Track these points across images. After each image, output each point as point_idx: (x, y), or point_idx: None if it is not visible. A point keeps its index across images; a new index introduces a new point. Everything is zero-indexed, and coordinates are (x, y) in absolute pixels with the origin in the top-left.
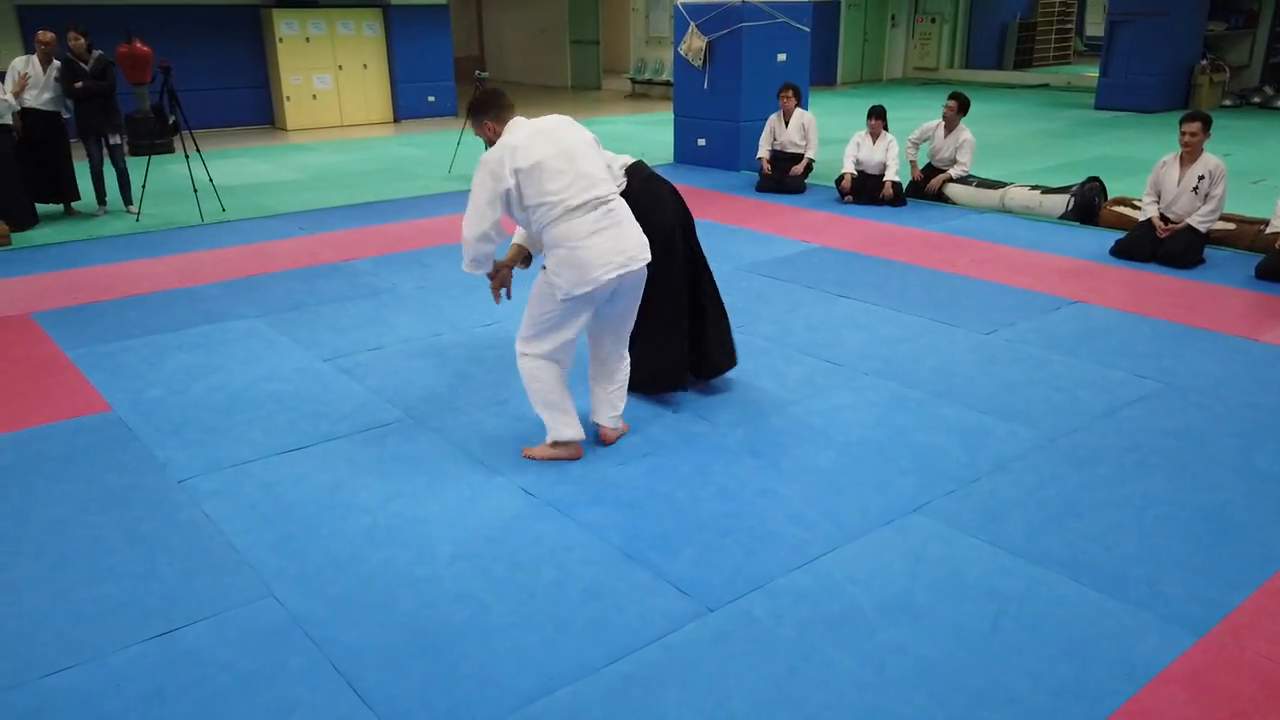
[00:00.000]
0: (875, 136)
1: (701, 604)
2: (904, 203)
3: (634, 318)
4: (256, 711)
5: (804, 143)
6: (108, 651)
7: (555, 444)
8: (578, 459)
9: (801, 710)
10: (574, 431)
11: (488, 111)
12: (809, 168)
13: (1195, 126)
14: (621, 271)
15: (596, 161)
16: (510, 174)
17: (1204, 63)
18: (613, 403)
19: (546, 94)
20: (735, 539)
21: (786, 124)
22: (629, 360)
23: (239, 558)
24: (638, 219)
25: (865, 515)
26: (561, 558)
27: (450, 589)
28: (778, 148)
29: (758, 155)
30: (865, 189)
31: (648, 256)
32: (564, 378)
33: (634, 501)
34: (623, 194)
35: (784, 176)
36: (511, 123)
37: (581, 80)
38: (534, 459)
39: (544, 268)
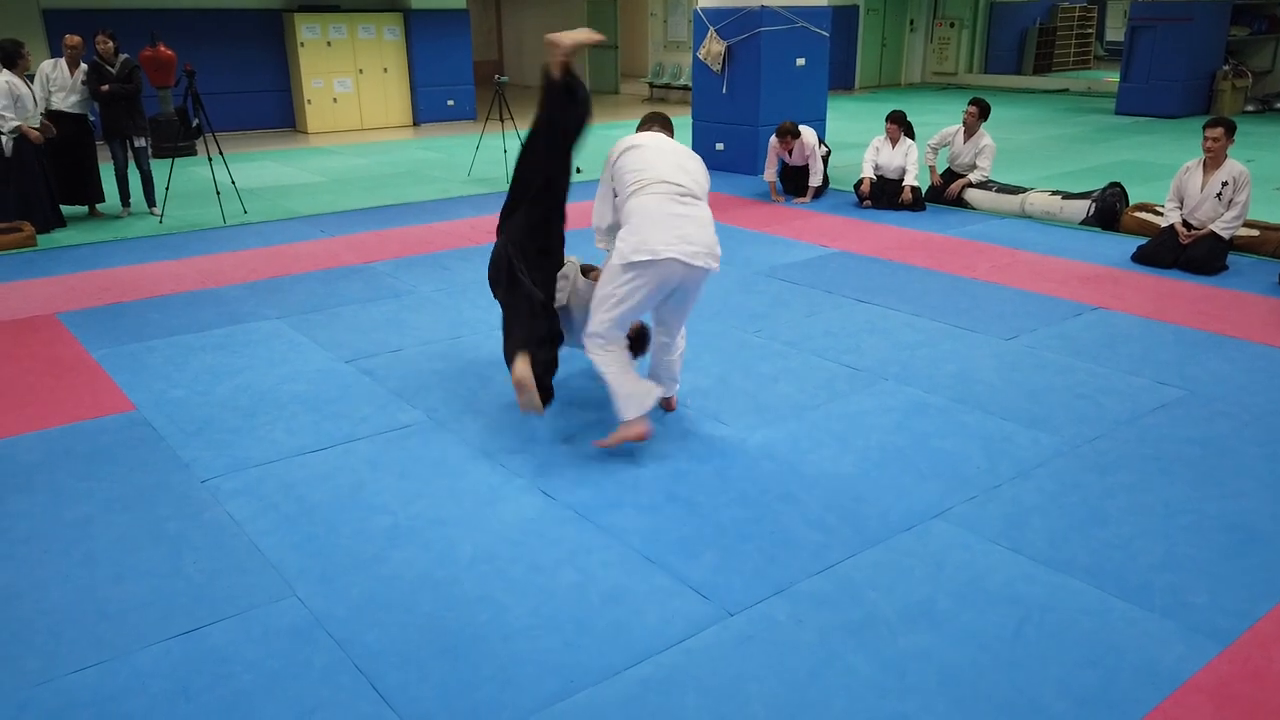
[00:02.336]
0: (894, 141)
1: (721, 608)
2: (923, 208)
3: (688, 311)
4: (279, 710)
5: (807, 164)
6: (133, 649)
7: (626, 424)
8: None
9: (822, 716)
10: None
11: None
12: (818, 195)
13: (1218, 132)
14: (682, 258)
15: (695, 172)
16: (616, 154)
17: (1226, 68)
18: (670, 376)
19: None
20: (755, 543)
21: (790, 154)
22: (683, 346)
23: (262, 557)
24: None
25: (885, 521)
26: (582, 561)
27: (470, 591)
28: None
29: (765, 177)
30: (884, 194)
31: (713, 265)
32: (628, 360)
33: (654, 505)
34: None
35: (797, 193)
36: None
37: (599, 84)
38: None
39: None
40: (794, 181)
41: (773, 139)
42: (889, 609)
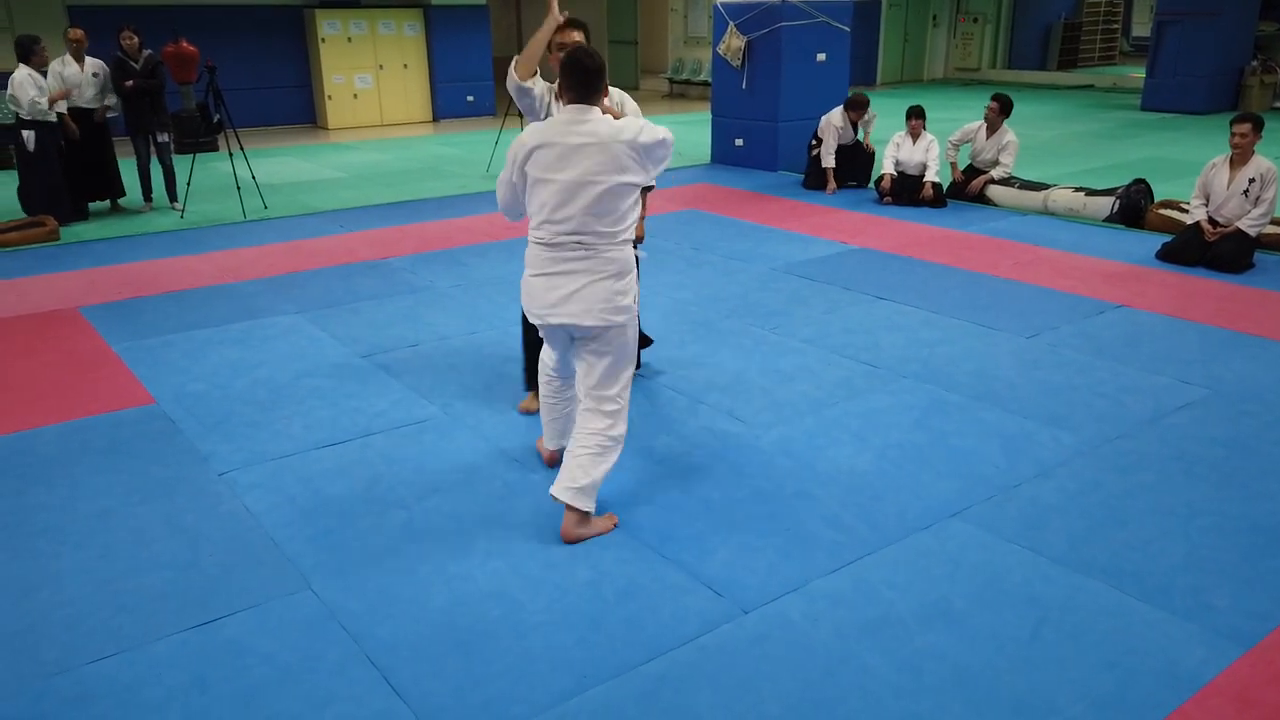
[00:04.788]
0: (915, 137)
1: (736, 605)
2: (944, 204)
3: (602, 378)
4: (294, 703)
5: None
6: (149, 640)
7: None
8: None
9: (837, 715)
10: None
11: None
12: (869, 156)
13: (1246, 128)
14: (568, 320)
15: (602, 202)
16: (524, 152)
17: (1254, 64)
18: (569, 468)
19: None
20: (770, 541)
21: (855, 127)
22: (604, 429)
23: (278, 550)
24: None
25: (902, 520)
26: (596, 557)
27: (484, 586)
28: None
29: (824, 164)
30: (905, 190)
31: (596, 322)
32: (557, 400)
33: (668, 502)
34: None
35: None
36: (567, 107)
37: (619, 80)
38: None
39: None
40: (841, 168)
41: (835, 116)
42: (905, 608)
